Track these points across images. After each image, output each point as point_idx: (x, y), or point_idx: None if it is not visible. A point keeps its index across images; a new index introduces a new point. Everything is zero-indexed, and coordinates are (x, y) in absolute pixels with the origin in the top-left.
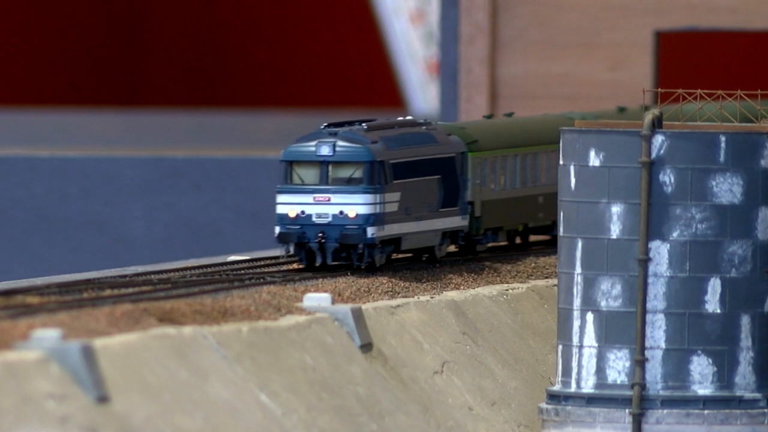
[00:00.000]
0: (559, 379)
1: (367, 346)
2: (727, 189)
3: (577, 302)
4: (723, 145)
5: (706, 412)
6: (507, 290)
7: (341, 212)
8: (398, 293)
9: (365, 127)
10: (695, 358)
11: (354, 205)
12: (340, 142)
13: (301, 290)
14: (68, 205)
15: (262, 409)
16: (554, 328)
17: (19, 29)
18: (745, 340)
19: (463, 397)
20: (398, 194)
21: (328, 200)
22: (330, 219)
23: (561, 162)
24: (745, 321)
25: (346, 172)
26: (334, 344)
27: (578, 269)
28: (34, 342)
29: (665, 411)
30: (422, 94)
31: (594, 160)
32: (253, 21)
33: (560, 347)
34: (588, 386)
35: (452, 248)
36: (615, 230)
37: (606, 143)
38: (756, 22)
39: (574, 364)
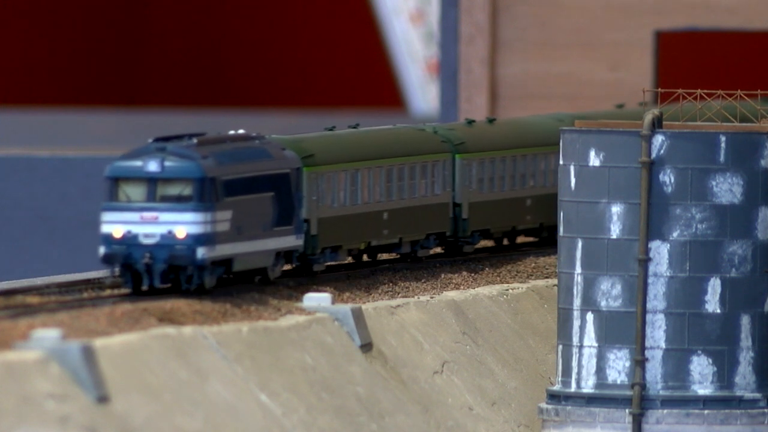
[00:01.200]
0: (559, 379)
1: (367, 346)
2: (727, 189)
3: (577, 302)
4: (723, 145)
5: (706, 412)
6: (507, 290)
7: (170, 232)
8: (398, 293)
9: (195, 141)
10: (695, 358)
11: (183, 224)
12: (168, 158)
13: (301, 290)
14: (68, 205)
15: (262, 409)
16: (554, 328)
17: (19, 29)
18: (745, 340)
19: (463, 397)
20: (230, 212)
21: (156, 219)
22: (158, 239)
23: (561, 162)
24: (745, 321)
25: (175, 190)
26: (334, 344)
27: (578, 269)
28: (34, 342)
29: (665, 411)
30: (422, 94)
31: (594, 160)
32: (253, 21)
33: (560, 347)
34: (588, 386)
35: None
36: (615, 230)
37: (606, 143)
38: (756, 22)
39: (574, 364)
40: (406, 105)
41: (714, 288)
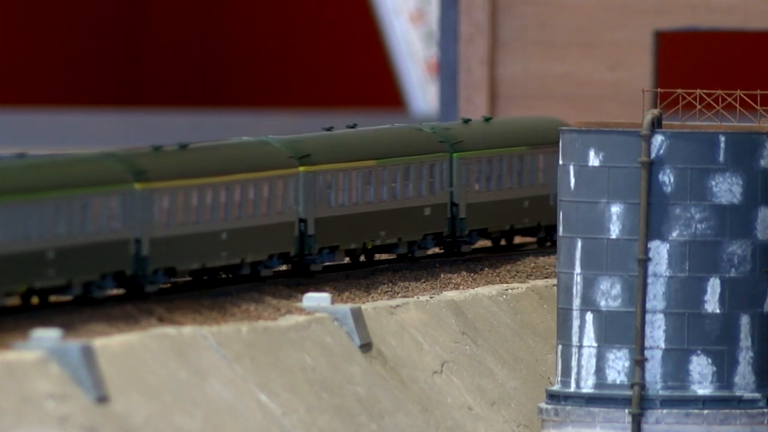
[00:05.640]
0: (559, 379)
1: (366, 346)
2: (727, 189)
3: (576, 302)
4: (723, 145)
5: (705, 412)
6: (507, 290)
7: None
8: (398, 293)
9: None
10: (695, 358)
11: None
12: None
13: (301, 290)
14: None
15: (262, 409)
16: (554, 328)
17: (19, 29)
18: (745, 340)
19: (462, 397)
20: None
21: None
22: None
23: (561, 162)
24: (745, 321)
25: None
26: (334, 344)
27: (578, 269)
28: (34, 342)
29: (665, 411)
30: (422, 94)
31: (594, 160)
32: (253, 21)
33: (560, 347)
34: (587, 386)
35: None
36: (615, 230)
37: (606, 143)
38: (755, 22)
39: (574, 364)
40: (406, 105)
41: (714, 288)
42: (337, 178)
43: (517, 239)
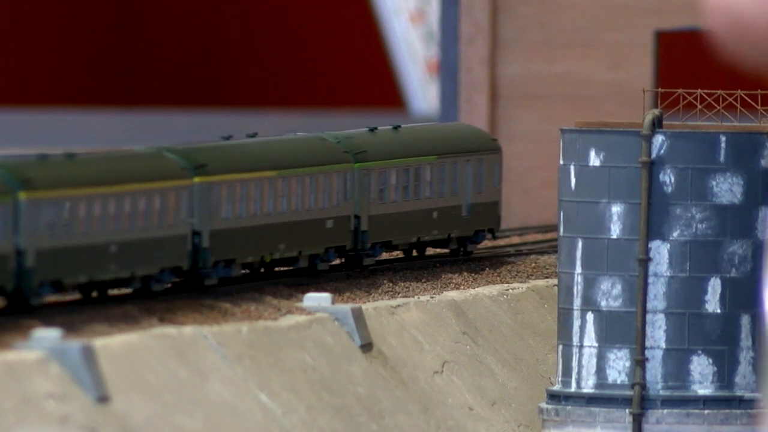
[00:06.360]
0: (559, 378)
1: (367, 346)
2: (727, 189)
3: (577, 302)
4: (723, 145)
5: (706, 411)
6: (507, 290)
7: None
8: (398, 293)
9: None
10: (695, 358)
11: None
12: None
13: (301, 290)
14: None
15: (262, 409)
16: (554, 328)
17: (19, 29)
18: (745, 340)
19: (463, 397)
20: None
21: None
22: None
23: (561, 162)
24: (745, 321)
25: None
26: (334, 344)
27: (578, 269)
28: (34, 342)
29: (665, 411)
30: (422, 94)
31: (594, 160)
32: (253, 21)
33: (560, 347)
34: (588, 386)
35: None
36: (615, 230)
37: (606, 143)
38: None
39: (575, 364)
40: (406, 105)
41: (714, 288)
42: (235, 189)
43: (429, 250)
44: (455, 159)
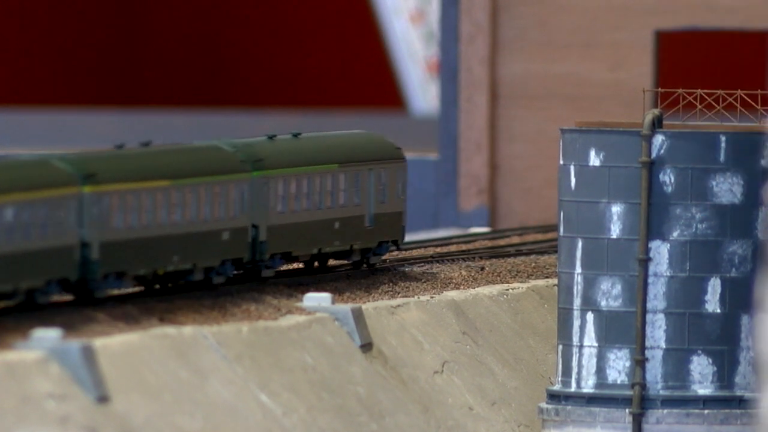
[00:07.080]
0: (559, 378)
1: (367, 346)
2: (728, 189)
3: (577, 302)
4: (723, 145)
5: (706, 411)
6: (507, 290)
7: None
8: (398, 293)
9: None
10: (695, 358)
11: None
12: None
13: (301, 290)
14: None
15: (262, 409)
16: (554, 328)
17: (19, 29)
18: (745, 340)
19: (463, 397)
20: None
21: None
22: None
23: (561, 162)
24: (745, 321)
25: None
26: (335, 344)
27: (578, 269)
28: (34, 342)
29: (665, 411)
30: (422, 94)
31: (594, 159)
32: (253, 21)
33: (560, 347)
34: (588, 386)
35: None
36: (615, 230)
37: (606, 143)
38: (756, 22)
39: (574, 363)
40: (406, 105)
41: (714, 288)
42: (126, 199)
43: (332, 261)
44: (357, 168)
